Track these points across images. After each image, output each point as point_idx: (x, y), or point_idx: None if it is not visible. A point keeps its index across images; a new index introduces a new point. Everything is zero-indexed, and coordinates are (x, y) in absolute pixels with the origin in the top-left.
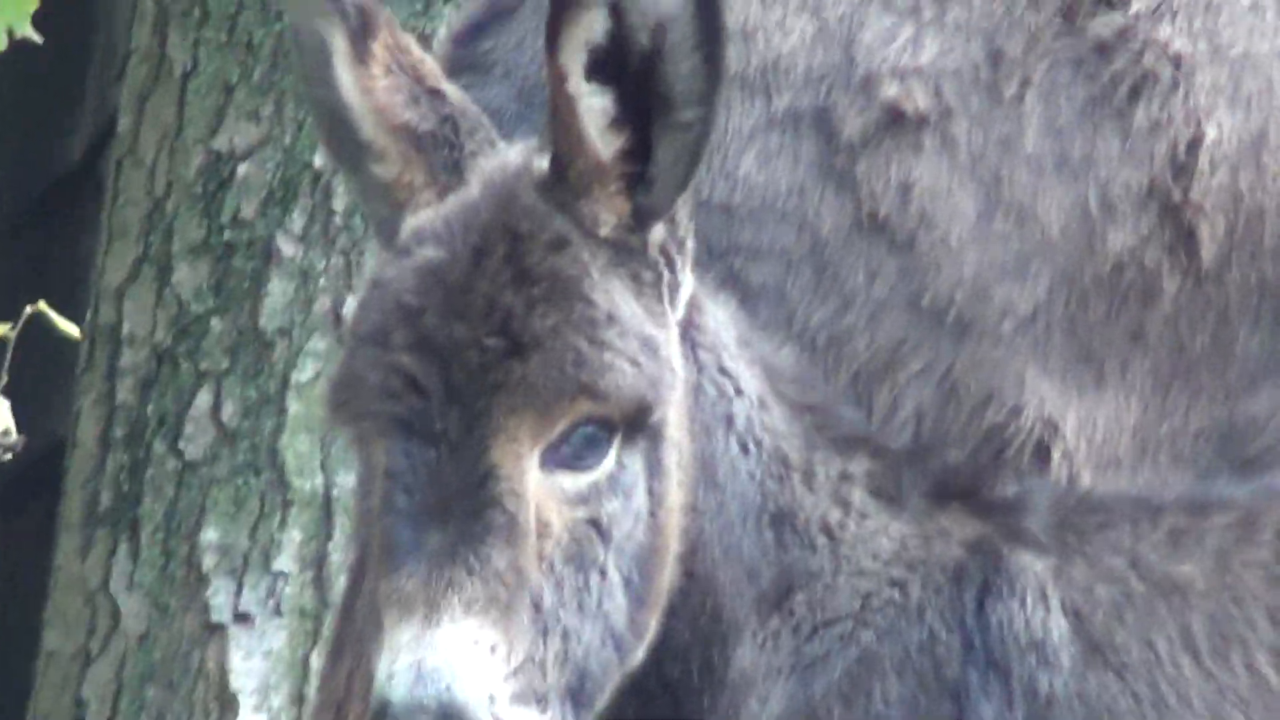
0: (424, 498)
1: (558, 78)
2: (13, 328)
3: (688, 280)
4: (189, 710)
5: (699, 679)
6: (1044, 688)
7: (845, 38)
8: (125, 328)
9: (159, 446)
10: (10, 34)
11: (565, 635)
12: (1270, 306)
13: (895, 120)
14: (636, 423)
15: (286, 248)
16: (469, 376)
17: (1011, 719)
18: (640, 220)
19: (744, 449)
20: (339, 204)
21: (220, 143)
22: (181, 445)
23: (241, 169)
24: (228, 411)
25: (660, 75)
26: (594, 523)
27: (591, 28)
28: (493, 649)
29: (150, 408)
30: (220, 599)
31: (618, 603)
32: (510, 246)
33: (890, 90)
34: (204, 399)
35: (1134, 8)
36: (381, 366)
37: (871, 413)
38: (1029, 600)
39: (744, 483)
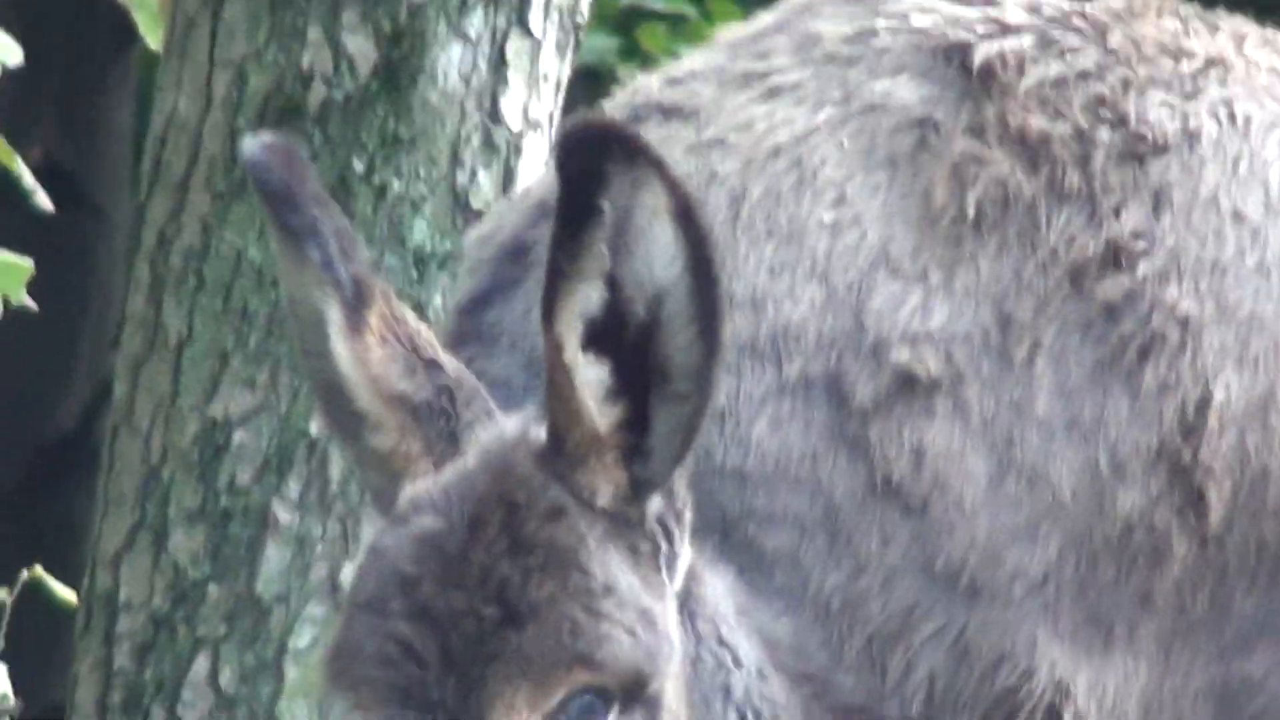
0: None
1: (554, 348)
2: (10, 593)
3: (686, 551)
4: None
5: None
6: None
7: (855, 304)
8: (122, 594)
9: (157, 712)
10: (5, 302)
11: None
12: (1267, 568)
13: (907, 385)
14: (634, 693)
15: (283, 515)
16: (466, 645)
17: None
18: (638, 491)
19: (742, 719)
20: (335, 471)
21: (216, 410)
22: (180, 711)
23: (237, 436)
24: (225, 677)
25: (657, 347)
26: None
27: (588, 298)
28: None
29: (148, 673)
30: None
31: None
32: (507, 516)
33: (901, 355)
34: (201, 665)
35: (1141, 270)
36: (379, 634)
37: (885, 676)
38: None
39: None
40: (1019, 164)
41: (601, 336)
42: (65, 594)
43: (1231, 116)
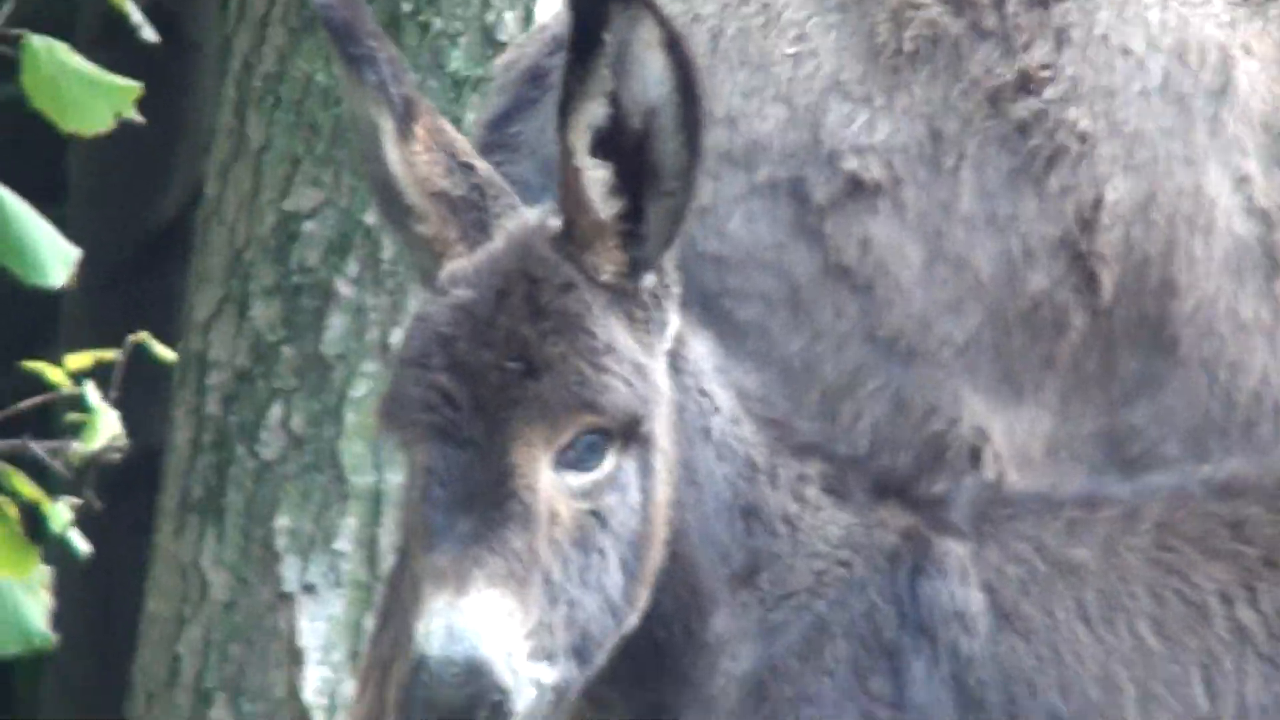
0: (455, 491)
1: (566, 153)
2: (120, 354)
3: (673, 318)
4: (265, 664)
5: (682, 641)
6: (964, 650)
7: (813, 121)
8: (211, 354)
9: (240, 449)
10: (117, 115)
11: (571, 604)
12: (1147, 335)
13: (856, 188)
14: (630, 432)
15: (344, 289)
16: (493, 393)
17: (938, 674)
18: (634, 269)
19: (719, 455)
20: (386, 254)
21: (289, 204)
22: (258, 449)
23: (307, 226)
24: (296, 421)
25: (650, 152)
26: (595, 513)
27: (594, 112)
28: (510, 614)
29: (232, 418)
30: (290, 573)
31: (614, 578)
32: (527, 288)
33: (851, 163)
34: (276, 411)
35: (1047, 94)
36: (422, 384)
37: (836, 423)
38: (952, 578)
39: (719, 482)
40: (947, 8)
41: (605, 144)
42: (166, 354)
43: None
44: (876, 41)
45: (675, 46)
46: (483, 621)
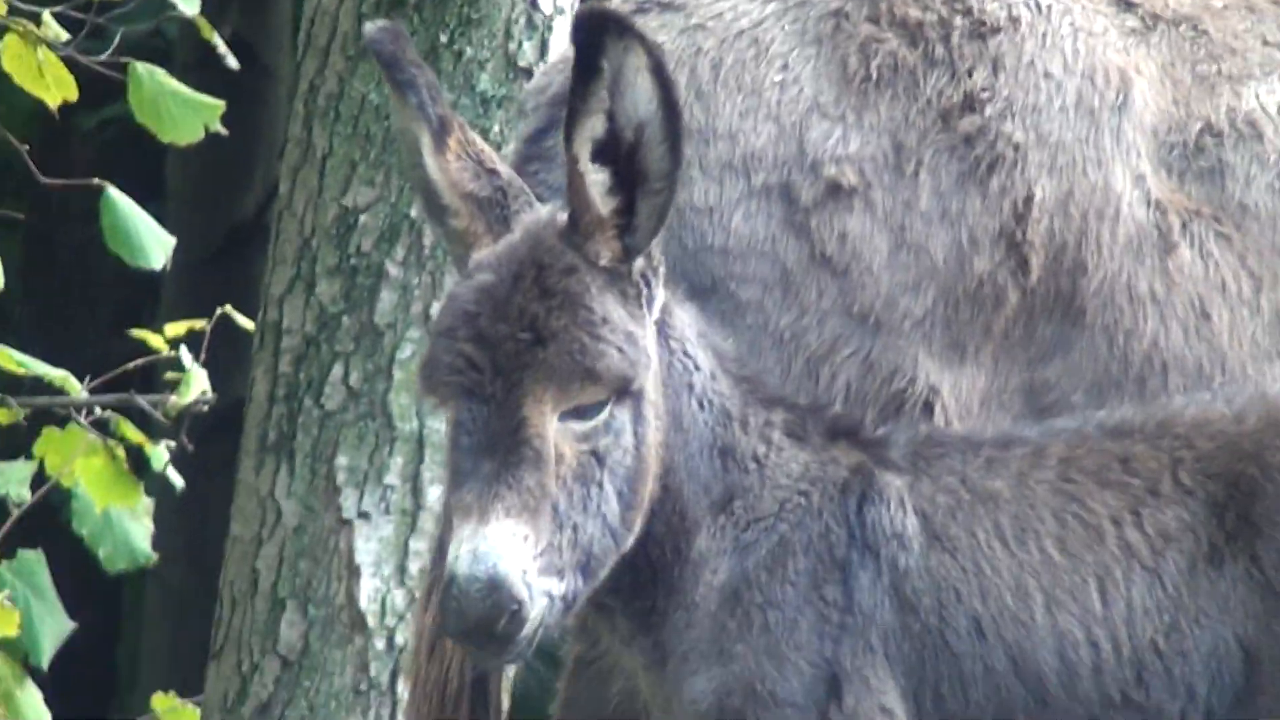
0: (478, 439)
1: (572, 160)
2: (209, 324)
3: (660, 294)
4: (328, 577)
5: (671, 558)
6: (901, 564)
7: (798, 136)
8: (284, 322)
9: (307, 401)
10: (206, 128)
11: (575, 529)
12: (1060, 306)
13: (835, 190)
14: (623, 388)
15: (393, 270)
16: (509, 359)
17: (880, 584)
18: (627, 255)
19: (700, 405)
20: (428, 241)
21: (348, 200)
22: (323, 401)
23: (362, 218)
24: (354, 378)
25: (640, 159)
26: (594, 453)
27: (595, 127)
28: (525, 539)
29: (301, 375)
30: (348, 503)
31: (612, 507)
32: (537, 272)
33: (830, 170)
34: (338, 370)
35: (987, 112)
36: (452, 352)
37: (818, 384)
38: (891, 505)
39: (700, 428)
40: (904, 41)
41: (604, 152)
42: (246, 324)
43: (1039, 6)
44: (848, 70)
45: (660, 71)
46: (501, 545)
